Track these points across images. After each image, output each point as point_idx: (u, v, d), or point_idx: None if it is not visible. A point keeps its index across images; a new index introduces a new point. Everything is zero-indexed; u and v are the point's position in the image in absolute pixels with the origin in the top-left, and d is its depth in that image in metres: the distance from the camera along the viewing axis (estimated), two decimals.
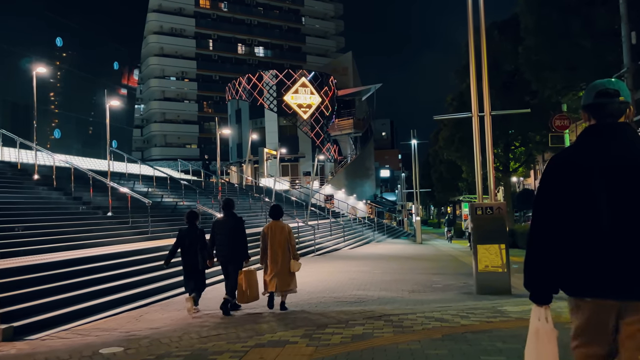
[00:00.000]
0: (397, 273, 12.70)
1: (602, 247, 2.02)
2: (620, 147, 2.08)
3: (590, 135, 2.16)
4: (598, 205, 2.04)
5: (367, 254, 19.37)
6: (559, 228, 2.12)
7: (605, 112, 2.14)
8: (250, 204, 24.49)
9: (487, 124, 9.26)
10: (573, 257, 2.08)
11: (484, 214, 8.67)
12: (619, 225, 2.01)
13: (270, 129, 49.00)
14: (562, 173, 2.14)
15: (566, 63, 15.64)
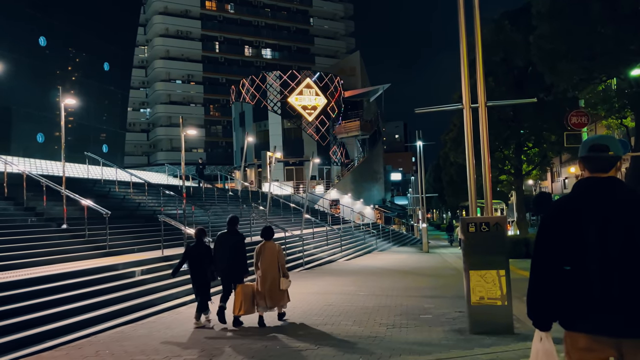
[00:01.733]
0: (384, 295, 10.88)
1: (593, 286, 2.33)
2: (607, 200, 2.40)
3: (583, 187, 2.51)
4: (589, 249, 2.36)
5: (361, 267, 17.56)
6: (557, 266, 2.45)
7: (597, 164, 2.47)
8: (241, 210, 22.82)
9: (481, 117, 7.45)
10: (569, 295, 2.40)
11: (478, 231, 6.85)
12: (608, 267, 2.32)
13: (274, 131, 47.40)
14: (560, 219, 2.48)
15: (584, 52, 13.72)
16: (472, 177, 7.45)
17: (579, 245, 2.39)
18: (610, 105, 13.46)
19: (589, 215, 2.39)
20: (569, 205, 2.49)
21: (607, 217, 2.36)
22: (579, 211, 2.42)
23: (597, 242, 2.35)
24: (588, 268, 2.35)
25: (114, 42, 29.99)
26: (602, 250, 2.34)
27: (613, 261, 2.32)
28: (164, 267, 11.54)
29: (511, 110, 22.42)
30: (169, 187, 23.65)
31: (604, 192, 2.42)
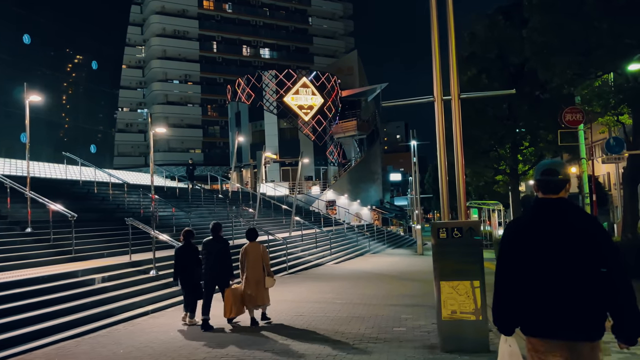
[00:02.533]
0: (362, 304, 10.21)
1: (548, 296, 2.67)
2: (558, 219, 2.74)
3: (537, 207, 2.83)
4: (543, 264, 2.70)
5: (348, 272, 16.87)
6: (517, 279, 2.76)
7: (549, 187, 2.79)
8: (228, 212, 22.17)
9: (454, 110, 6.77)
10: (529, 303, 2.72)
11: (449, 237, 6.17)
12: (560, 280, 2.67)
13: (270, 132, 46.80)
14: (518, 236, 2.81)
15: (577, 45, 13.00)
16: (443, 176, 6.76)
17: (535, 260, 2.71)
18: (606, 101, 12.75)
19: (542, 233, 2.72)
20: (525, 223, 2.84)
21: (558, 234, 2.69)
22: (534, 229, 2.75)
23: (549, 258, 2.68)
24: (543, 281, 2.68)
25: (102, 41, 29.40)
26: (554, 264, 2.66)
27: (563, 275, 2.65)
28: (130, 274, 10.90)
29: (507, 107, 21.74)
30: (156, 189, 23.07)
31: (554, 211, 2.75)
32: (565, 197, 2.78)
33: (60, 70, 26.38)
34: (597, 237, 2.69)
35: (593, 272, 2.65)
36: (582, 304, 2.64)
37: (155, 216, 12.94)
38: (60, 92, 26.18)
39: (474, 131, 21.43)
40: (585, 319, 2.65)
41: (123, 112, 69.66)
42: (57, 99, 26.18)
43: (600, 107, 13.17)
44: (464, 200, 6.59)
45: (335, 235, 26.33)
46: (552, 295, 2.66)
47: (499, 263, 2.86)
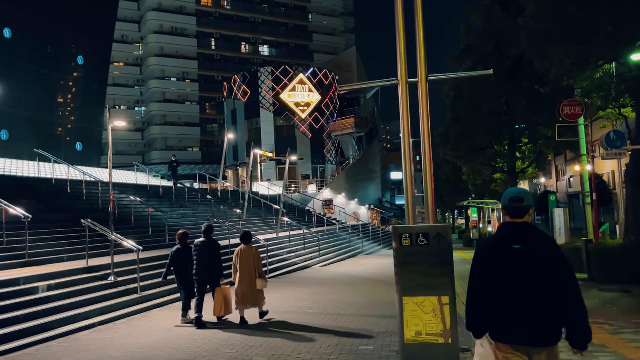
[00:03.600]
0: (336, 314, 9.28)
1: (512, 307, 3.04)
2: (523, 241, 3.12)
3: (505, 229, 3.23)
4: (507, 280, 3.07)
5: (334, 275, 15.94)
6: (485, 292, 3.14)
7: (516, 212, 3.20)
8: (213, 212, 21.28)
9: (421, 94, 5.79)
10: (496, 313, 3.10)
11: (414, 245, 5.23)
12: (522, 293, 3.03)
13: (267, 129, 45.90)
14: (488, 254, 3.20)
15: (575, 32, 11.99)
16: (408, 168, 5.79)
17: (502, 275, 3.11)
18: (607, 92, 11.75)
19: (510, 252, 3.13)
20: (495, 242, 3.25)
21: (522, 253, 3.10)
22: (503, 248, 3.17)
23: (515, 274, 3.08)
24: (509, 293, 3.08)
25: (89, 36, 28.54)
26: (518, 280, 3.07)
27: (526, 289, 3.05)
28: (84, 281, 10.00)
29: (504, 103, 20.74)
30: (138, 187, 22.20)
31: (520, 233, 3.17)
32: (529, 222, 3.22)
33: (43, 65, 25.53)
34: (555, 257, 3.09)
35: (551, 287, 3.03)
36: (541, 314, 3.01)
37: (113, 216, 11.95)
38: (42, 87, 25.31)
39: (470, 128, 20.48)
40: (545, 327, 3.01)
41: (120, 110, 68.96)
42: (39, 94, 25.32)
43: (601, 99, 12.16)
44: (432, 200, 5.62)
45: (328, 235, 25.42)
46: (516, 307, 3.04)
47: (472, 275, 3.24)
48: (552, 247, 3.13)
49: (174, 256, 8.77)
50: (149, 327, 8.41)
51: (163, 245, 15.52)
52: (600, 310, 9.21)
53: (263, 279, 8.64)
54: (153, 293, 10.55)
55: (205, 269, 8.53)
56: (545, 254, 3.08)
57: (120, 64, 68.49)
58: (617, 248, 12.62)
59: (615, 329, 7.57)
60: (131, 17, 68.57)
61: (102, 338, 7.70)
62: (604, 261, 12.42)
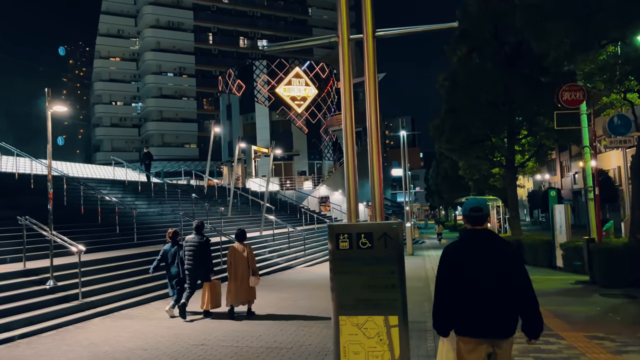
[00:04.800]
0: (298, 325, 8.11)
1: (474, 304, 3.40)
2: (483, 245, 3.51)
3: (467, 235, 3.59)
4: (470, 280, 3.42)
5: (315, 277, 14.80)
6: (451, 292, 3.48)
7: (475, 221, 3.57)
8: (193, 210, 20.15)
9: (368, 51, 4.62)
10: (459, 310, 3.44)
11: (354, 249, 4.04)
12: (483, 292, 3.39)
13: (262, 124, 44.72)
14: (452, 258, 3.55)
15: (574, 8, 10.76)
16: (350, 152, 4.61)
17: (466, 276, 3.44)
18: (611, 74, 10.50)
19: (471, 255, 3.49)
20: (459, 247, 3.59)
21: (483, 256, 3.47)
22: (465, 252, 3.53)
23: (476, 274, 3.43)
24: (471, 293, 3.41)
25: (71, 26, 27.38)
26: (480, 280, 3.40)
27: (486, 288, 3.39)
28: (17, 285, 8.88)
29: (503, 92, 19.46)
30: (115, 183, 21.10)
31: (480, 239, 3.55)
32: (487, 228, 3.61)
33: (19, 54, 24.44)
34: (511, 258, 3.49)
35: (508, 286, 3.42)
36: (500, 310, 3.40)
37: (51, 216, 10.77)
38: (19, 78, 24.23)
39: (466, 119, 19.24)
40: (503, 321, 3.42)
41: (116, 106, 68.02)
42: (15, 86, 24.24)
43: (604, 82, 10.91)
44: (380, 191, 4.41)
45: (318, 233, 24.26)
46: (478, 304, 3.41)
47: (438, 278, 3.59)
48: (509, 250, 3.53)
49: (164, 254, 9.11)
50: (76, 340, 7.28)
51: (131, 244, 14.43)
52: (600, 320, 8.00)
53: (256, 277, 8.95)
54: (97, 299, 9.41)
55: (197, 265, 8.85)
56: (504, 256, 3.47)
57: (116, 59, 67.48)
58: (621, 248, 11.39)
59: (617, 346, 6.37)
60: (127, 11, 67.53)
61: (13, 355, 6.56)
62: (607, 262, 11.21)
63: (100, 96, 66.57)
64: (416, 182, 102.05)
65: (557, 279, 13.05)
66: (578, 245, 13.52)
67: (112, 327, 8.06)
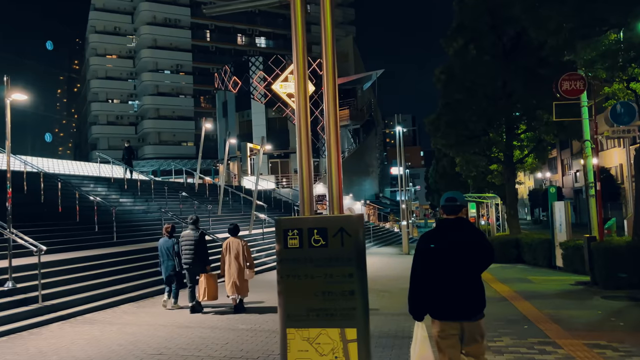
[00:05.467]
0: (268, 331, 7.44)
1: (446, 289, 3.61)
2: (456, 233, 3.68)
3: (442, 224, 3.79)
4: (443, 266, 3.61)
5: None
6: (424, 278, 3.68)
7: (450, 210, 3.74)
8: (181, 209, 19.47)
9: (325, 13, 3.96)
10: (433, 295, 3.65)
11: (305, 248, 3.38)
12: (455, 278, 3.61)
13: (258, 121, 44.05)
14: (428, 245, 3.71)
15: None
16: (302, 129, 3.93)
17: (439, 262, 3.63)
18: (613, 60, 9.80)
19: (441, 243, 3.68)
20: (433, 235, 3.78)
21: (452, 243, 3.65)
22: (439, 239, 3.70)
23: (445, 261, 3.62)
24: (445, 278, 3.61)
25: (60, 19, 26.68)
26: (452, 266, 3.60)
27: (455, 274, 3.61)
28: None
29: (500, 86, 18.77)
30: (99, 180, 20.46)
31: (454, 227, 3.71)
32: (462, 217, 3.75)
33: (4, 49, 23.77)
34: (481, 245, 3.69)
35: (476, 271, 3.69)
36: (469, 294, 3.64)
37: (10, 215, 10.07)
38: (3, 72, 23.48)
39: (462, 113, 18.56)
40: (472, 305, 3.65)
41: (113, 104, 67.40)
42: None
43: (606, 70, 10.21)
44: (338, 173, 3.72)
45: None
46: (450, 289, 3.61)
47: (413, 265, 3.76)
48: (480, 237, 3.73)
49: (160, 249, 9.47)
50: (25, 349, 6.62)
51: (110, 243, 13.79)
52: (602, 326, 7.32)
53: (252, 270, 9.08)
54: (60, 303, 8.76)
55: (196, 260, 9.09)
56: (475, 243, 3.68)
57: (113, 56, 66.84)
58: (624, 247, 10.70)
59: (620, 356, 5.69)
60: (124, 9, 66.88)
61: None
62: (609, 262, 10.51)
63: (96, 94, 65.95)
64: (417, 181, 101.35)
65: (557, 280, 12.37)
66: (578, 244, 12.84)
67: (69, 333, 7.40)
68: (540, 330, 6.98)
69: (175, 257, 9.24)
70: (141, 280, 11.25)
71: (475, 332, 3.64)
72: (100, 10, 65.37)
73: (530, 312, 8.34)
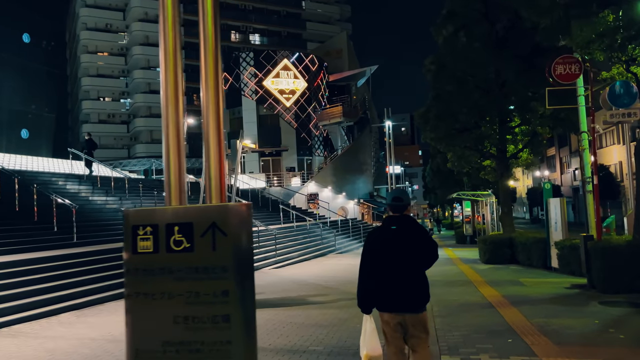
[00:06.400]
0: None
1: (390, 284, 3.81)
2: (402, 230, 3.86)
3: (388, 221, 3.97)
4: (387, 261, 3.82)
5: (277, 281, 13.14)
6: (370, 273, 3.86)
7: (396, 209, 3.94)
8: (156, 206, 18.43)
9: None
10: (378, 289, 3.84)
11: (162, 252, 2.32)
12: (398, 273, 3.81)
13: (249, 119, 43.01)
14: (374, 241, 3.96)
15: None
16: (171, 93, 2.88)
17: (384, 257, 3.83)
18: (611, 40, 8.78)
19: (386, 240, 3.90)
20: (379, 232, 4.03)
21: (399, 240, 3.85)
22: (384, 236, 3.93)
23: (389, 257, 3.83)
24: (389, 272, 3.81)
25: (37, 10, 25.69)
26: (395, 261, 3.81)
27: (398, 269, 3.80)
28: None
29: (493, 78, 17.76)
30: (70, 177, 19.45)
31: (397, 222, 3.90)
32: (406, 215, 3.95)
33: None
34: (423, 241, 3.87)
35: (418, 267, 3.86)
36: (412, 288, 3.83)
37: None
38: None
39: (453, 105, 17.55)
40: (414, 298, 3.84)
41: (105, 102, 66.37)
42: None
43: (604, 51, 9.18)
44: (219, 142, 2.67)
45: (297, 232, 22.61)
46: (393, 282, 3.80)
47: (361, 260, 3.93)
48: (422, 234, 3.90)
49: None
50: None
51: (69, 244, 12.77)
52: (599, 339, 6.29)
53: None
54: None
55: None
56: (417, 239, 3.86)
57: (104, 53, 65.75)
58: (624, 246, 9.69)
59: None
60: (115, 5, 65.81)
61: None
62: (608, 263, 9.50)
63: (87, 92, 64.83)
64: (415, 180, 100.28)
65: (550, 282, 11.35)
66: (575, 244, 11.82)
67: None
68: (526, 344, 5.96)
69: None
70: (94, 284, 10.23)
71: (417, 324, 3.82)
72: (92, 6, 64.25)
73: (518, 321, 7.32)
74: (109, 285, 10.25)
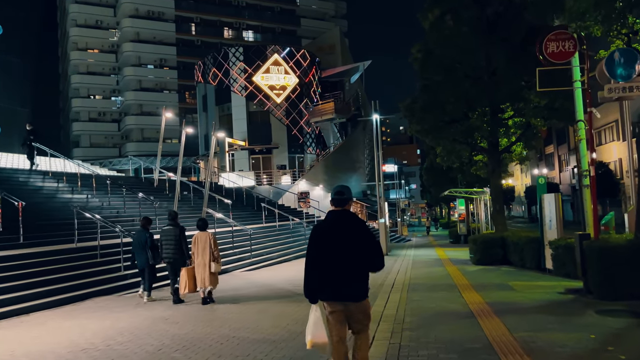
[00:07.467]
0: None
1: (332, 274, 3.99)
2: (341, 223, 4.08)
3: (331, 216, 4.14)
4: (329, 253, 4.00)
5: (244, 285, 11.98)
6: (316, 263, 4.05)
7: (338, 203, 4.13)
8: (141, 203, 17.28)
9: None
10: (322, 279, 4.02)
11: None
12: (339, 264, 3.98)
13: (238, 115, 41.82)
14: (317, 234, 4.13)
15: None
16: None
17: (327, 249, 4.03)
18: (608, 10, 7.62)
19: (331, 232, 4.08)
20: (323, 226, 4.17)
21: (340, 232, 4.04)
22: (327, 229, 4.11)
23: (335, 248, 4.00)
24: (332, 263, 3.98)
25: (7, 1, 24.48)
26: (337, 252, 3.99)
27: (339, 260, 3.98)
28: None
29: (484, 66, 16.58)
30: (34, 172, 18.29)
31: (339, 218, 4.10)
32: (348, 209, 4.16)
33: None
34: (364, 234, 4.05)
35: (360, 256, 4.00)
36: (352, 278, 4.01)
37: None
38: None
39: (440, 95, 16.38)
40: (354, 287, 4.02)
41: (95, 100, 65.23)
42: None
43: (601, 22, 8.00)
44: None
45: (279, 232, 21.46)
46: (332, 274, 3.99)
47: (307, 253, 4.15)
48: (363, 227, 4.10)
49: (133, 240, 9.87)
50: None
51: (15, 244, 11.61)
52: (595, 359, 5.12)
53: (217, 263, 9.33)
54: None
55: (177, 255, 9.43)
56: (358, 232, 4.03)
57: (95, 50, 64.65)
58: (624, 246, 8.51)
59: None
60: (106, 1, 64.67)
61: None
62: (606, 265, 8.33)
63: (77, 89, 63.72)
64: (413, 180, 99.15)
65: (543, 287, 10.17)
66: (570, 243, 10.65)
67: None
68: None
69: (149, 251, 9.57)
70: (34, 289, 9.11)
71: (359, 312, 4.05)
72: (82, 3, 63.14)
73: (499, 335, 6.16)
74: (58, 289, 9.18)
